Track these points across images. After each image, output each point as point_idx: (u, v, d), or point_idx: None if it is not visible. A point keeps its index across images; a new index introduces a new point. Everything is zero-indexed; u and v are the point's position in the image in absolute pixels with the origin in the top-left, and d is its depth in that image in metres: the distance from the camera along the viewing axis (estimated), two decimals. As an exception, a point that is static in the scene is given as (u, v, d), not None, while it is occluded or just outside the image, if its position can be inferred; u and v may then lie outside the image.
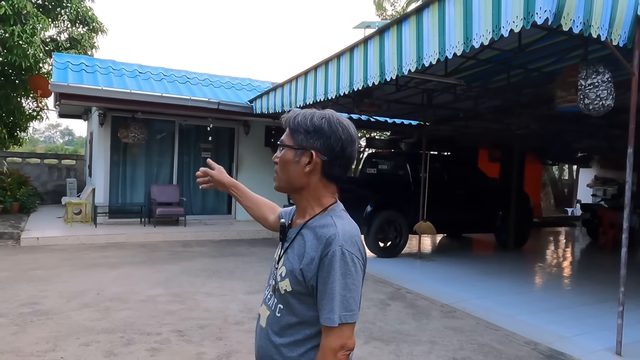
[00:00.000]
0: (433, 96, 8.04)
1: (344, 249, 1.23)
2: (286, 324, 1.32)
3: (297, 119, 1.34)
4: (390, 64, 4.94)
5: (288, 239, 1.39)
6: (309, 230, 1.32)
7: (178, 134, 10.55)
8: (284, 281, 1.32)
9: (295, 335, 1.31)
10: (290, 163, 1.33)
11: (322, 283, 1.24)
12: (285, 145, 1.35)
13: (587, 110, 4.17)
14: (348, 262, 1.23)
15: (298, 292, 1.29)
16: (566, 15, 3.45)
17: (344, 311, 1.22)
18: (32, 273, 6.03)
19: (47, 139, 51.09)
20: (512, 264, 8.03)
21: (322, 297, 1.24)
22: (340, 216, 1.33)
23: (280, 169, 1.36)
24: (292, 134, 1.34)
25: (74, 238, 8.28)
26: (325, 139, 1.31)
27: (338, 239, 1.24)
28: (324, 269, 1.23)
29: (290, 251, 1.34)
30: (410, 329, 4.56)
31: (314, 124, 1.31)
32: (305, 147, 1.31)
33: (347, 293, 1.22)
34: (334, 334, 1.22)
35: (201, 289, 5.66)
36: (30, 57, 11.37)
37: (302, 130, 1.32)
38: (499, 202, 9.30)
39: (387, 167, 9.33)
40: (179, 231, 9.23)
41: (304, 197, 1.37)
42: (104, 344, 3.85)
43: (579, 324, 4.85)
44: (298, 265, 1.28)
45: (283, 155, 1.35)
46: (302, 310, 1.30)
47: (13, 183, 11.17)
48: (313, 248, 1.27)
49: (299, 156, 1.32)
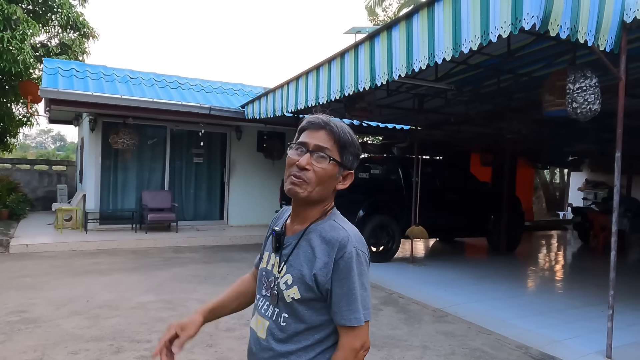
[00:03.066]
0: (424, 101, 8.08)
1: (358, 250, 1.26)
2: (293, 332, 1.30)
3: (347, 136, 1.32)
4: (381, 69, 4.96)
5: (286, 246, 1.35)
6: (314, 235, 1.30)
7: (170, 139, 10.51)
8: (290, 289, 1.29)
9: (304, 342, 1.30)
10: (333, 179, 1.31)
11: (339, 286, 1.24)
12: (335, 160, 1.30)
13: (574, 114, 4.20)
14: (362, 262, 1.27)
15: (307, 298, 1.28)
16: (553, 21, 3.49)
17: (364, 310, 1.25)
18: (20, 280, 5.96)
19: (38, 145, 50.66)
20: (504, 268, 8.05)
21: (340, 299, 1.24)
22: (344, 220, 1.36)
23: (319, 180, 1.29)
24: (341, 150, 1.31)
25: (64, 245, 8.21)
26: (358, 161, 1.38)
27: (351, 241, 1.26)
28: (340, 271, 1.24)
29: (294, 258, 1.31)
30: (402, 334, 4.55)
31: (358, 147, 1.36)
32: (349, 168, 1.35)
33: (364, 292, 1.27)
34: (355, 333, 1.25)
35: (193, 295, 5.62)
36: (20, 63, 11.26)
37: (352, 151, 1.33)
38: (490, 206, 9.34)
39: (379, 172, 9.34)
40: (170, 237, 9.17)
41: (316, 208, 1.34)
42: (93, 352, 3.81)
43: (569, 327, 4.87)
44: (309, 271, 1.27)
45: (330, 169, 1.29)
46: (312, 316, 1.29)
47: (3, 189, 11.07)
48: (324, 252, 1.26)
49: (340, 174, 1.33)
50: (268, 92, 8.04)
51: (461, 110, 8.44)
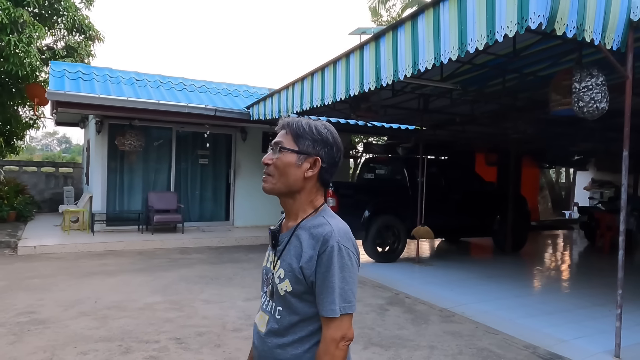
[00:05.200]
0: (429, 101, 8.06)
1: (340, 244, 1.30)
2: (288, 324, 1.36)
3: (302, 125, 1.39)
4: (386, 69, 4.96)
5: (281, 242, 1.42)
6: (303, 230, 1.37)
7: (175, 141, 10.55)
8: (283, 282, 1.35)
9: (299, 333, 1.35)
10: (291, 166, 1.37)
11: (320, 278, 1.29)
12: (288, 149, 1.38)
13: (581, 113, 4.19)
14: (344, 256, 1.30)
15: (299, 291, 1.33)
16: (559, 19, 3.48)
17: (343, 302, 1.29)
18: (29, 282, 6.01)
19: (44, 147, 50.90)
20: (510, 268, 8.03)
21: (321, 291, 1.29)
22: (332, 216, 1.40)
23: (278, 171, 1.39)
24: (295, 139, 1.38)
25: (72, 246, 8.25)
26: (329, 149, 1.40)
27: (334, 236, 1.31)
28: (323, 265, 1.29)
29: (286, 253, 1.38)
30: (409, 334, 4.55)
31: (320, 133, 1.39)
32: (309, 154, 1.38)
33: (345, 285, 1.29)
34: (334, 324, 1.29)
35: (199, 296, 5.65)
36: (27, 66, 11.35)
37: (308, 137, 1.38)
38: (496, 206, 9.32)
39: (384, 172, 9.34)
40: (176, 238, 9.21)
41: (297, 201, 1.41)
42: (102, 353, 3.83)
43: (577, 327, 4.85)
44: (297, 264, 1.33)
45: (283, 158, 1.38)
46: (304, 308, 1.34)
47: (10, 192, 11.14)
48: (310, 247, 1.32)
49: (301, 161, 1.37)
50: (273, 93, 8.06)
51: (466, 110, 8.42)
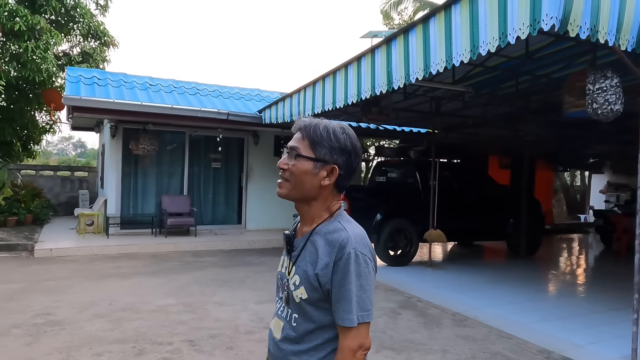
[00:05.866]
0: (441, 104, 8.04)
1: (357, 251, 1.26)
2: (304, 331, 1.33)
3: (319, 131, 1.33)
4: (398, 72, 4.96)
5: (296, 248, 1.39)
6: (318, 236, 1.33)
7: (188, 144, 10.65)
8: (298, 289, 1.33)
9: (315, 341, 1.33)
10: (308, 174, 1.33)
11: (337, 286, 1.26)
12: (305, 156, 1.33)
13: (595, 115, 4.14)
14: (361, 263, 1.26)
15: (314, 298, 1.30)
16: (573, 21, 3.44)
17: (360, 311, 1.25)
18: (45, 284, 6.10)
19: (60, 152, 51.66)
20: (524, 272, 7.95)
21: (337, 299, 1.26)
22: (348, 220, 1.37)
23: (294, 178, 1.34)
24: (312, 145, 1.33)
25: (87, 249, 8.37)
26: (347, 156, 1.34)
27: (351, 242, 1.27)
28: (339, 272, 1.26)
29: (301, 259, 1.35)
30: (422, 338, 4.53)
31: (338, 139, 1.33)
32: (327, 162, 1.33)
33: (362, 293, 1.26)
34: (352, 334, 1.26)
35: (212, 298, 5.68)
36: (44, 72, 11.56)
37: (326, 145, 1.32)
38: (509, 209, 9.23)
39: (396, 175, 9.32)
40: (189, 241, 9.28)
41: (313, 207, 1.37)
42: (116, 354, 3.88)
43: (593, 332, 4.79)
44: (312, 271, 1.30)
45: (300, 165, 1.33)
46: (320, 315, 1.32)
47: (27, 195, 11.33)
48: (326, 253, 1.29)
49: (318, 169, 1.32)
50: (285, 97, 8.09)
51: (479, 112, 8.37)
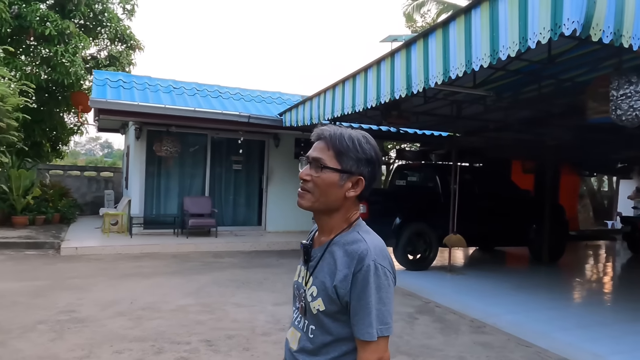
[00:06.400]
0: (462, 107, 7.97)
1: (377, 263, 1.24)
2: (321, 344, 1.31)
3: (345, 141, 1.29)
4: (417, 76, 4.95)
5: (313, 258, 1.37)
6: (337, 247, 1.31)
7: (210, 147, 10.81)
8: (316, 301, 1.30)
9: (332, 353, 1.30)
10: (334, 186, 1.29)
11: (356, 299, 1.23)
12: (331, 168, 1.29)
13: (619, 121, 4.06)
14: (381, 276, 1.24)
15: (332, 311, 1.28)
16: (595, 25, 3.39)
17: (380, 325, 1.23)
18: (70, 282, 6.28)
19: (87, 152, 52.98)
20: (546, 278, 7.80)
21: (356, 312, 1.24)
22: (367, 231, 1.34)
23: (319, 189, 1.30)
24: (338, 156, 1.29)
25: (111, 248, 8.57)
26: (372, 167, 1.32)
27: (370, 254, 1.24)
28: (358, 285, 1.23)
29: (319, 270, 1.33)
30: (438, 344, 4.50)
31: (364, 150, 1.30)
32: (353, 173, 1.30)
33: (382, 307, 1.24)
34: (371, 348, 1.23)
35: (230, 299, 5.75)
36: (72, 75, 11.94)
37: (352, 156, 1.29)
38: (532, 214, 9.07)
39: (416, 179, 9.26)
40: (210, 242, 9.41)
41: (333, 218, 1.34)
42: (136, 352, 3.97)
43: (615, 342, 4.67)
44: (331, 283, 1.27)
45: (325, 177, 1.29)
46: (337, 328, 1.29)
47: (55, 195, 11.66)
48: (345, 265, 1.26)
49: (344, 180, 1.29)
50: (305, 100, 8.15)
51: (500, 116, 8.25)
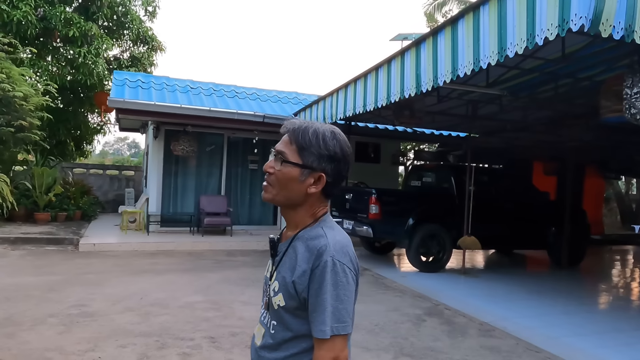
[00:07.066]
0: (478, 107, 7.83)
1: (335, 259, 1.21)
2: (281, 340, 1.29)
3: (308, 136, 1.27)
4: (426, 75, 4.88)
5: (279, 253, 1.35)
6: (300, 241, 1.29)
7: (227, 146, 10.90)
8: (277, 296, 1.28)
9: (291, 349, 1.28)
10: (294, 181, 1.27)
11: (313, 295, 1.21)
12: (291, 162, 1.27)
13: (634, 120, 3.92)
14: (339, 272, 1.20)
15: (292, 306, 1.26)
16: (605, 21, 3.28)
17: (335, 323, 1.19)
18: (85, 277, 6.41)
19: (115, 152, 54.28)
20: (564, 283, 7.59)
21: (313, 309, 1.21)
22: (331, 227, 1.31)
23: (280, 183, 1.29)
24: (300, 151, 1.27)
25: (127, 245, 8.73)
26: (336, 164, 1.28)
27: (329, 250, 1.22)
28: (315, 281, 1.20)
29: (282, 265, 1.31)
30: (443, 347, 4.42)
31: (327, 147, 1.27)
32: (314, 169, 1.27)
33: (339, 304, 1.20)
34: (326, 346, 1.20)
35: (239, 297, 5.78)
36: (95, 76, 12.21)
37: (314, 152, 1.26)
38: (551, 217, 8.85)
39: (431, 180, 9.14)
40: (225, 241, 9.49)
41: (298, 213, 1.32)
42: (140, 347, 4.03)
43: (630, 349, 4.51)
44: (290, 278, 1.25)
45: (287, 172, 1.27)
46: (297, 324, 1.27)
47: (76, 192, 11.94)
48: (304, 260, 1.24)
49: (305, 176, 1.27)
50: (318, 99, 8.13)
51: (519, 116, 8.09)
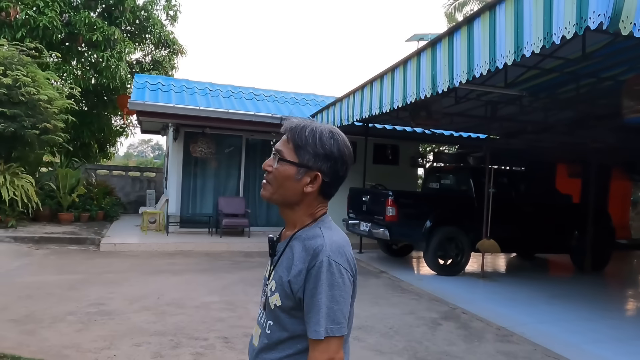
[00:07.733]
0: (497, 108, 7.70)
1: (331, 260, 1.20)
2: (277, 340, 1.29)
3: (305, 135, 1.27)
4: (442, 75, 4.84)
5: (277, 252, 1.35)
6: (297, 241, 1.29)
7: (245, 148, 10.98)
8: (273, 295, 1.28)
9: (287, 350, 1.28)
10: (290, 179, 1.27)
11: (308, 295, 1.20)
12: (287, 160, 1.27)
13: (657, 120, 3.80)
14: (335, 273, 1.20)
15: (288, 306, 1.26)
16: (625, 18, 3.18)
17: (330, 324, 1.18)
18: (104, 276, 6.53)
19: (140, 154, 55.28)
20: (586, 288, 7.39)
21: (308, 309, 1.20)
22: (329, 227, 1.31)
23: (277, 182, 1.29)
24: (296, 150, 1.27)
25: (147, 245, 8.86)
26: (332, 163, 1.28)
27: (325, 250, 1.21)
28: (311, 281, 1.20)
29: (279, 264, 1.31)
30: (459, 351, 4.35)
31: (324, 145, 1.26)
32: (310, 168, 1.27)
33: (334, 305, 1.19)
34: (320, 347, 1.19)
35: (254, 298, 5.80)
36: (118, 79, 12.46)
37: (310, 150, 1.26)
38: (574, 220, 8.63)
39: (449, 182, 9.03)
40: (242, 242, 9.55)
41: (296, 212, 1.32)
42: (154, 346, 4.08)
43: (654, 357, 4.37)
44: (286, 277, 1.25)
45: (283, 170, 1.28)
46: (293, 324, 1.26)
47: (99, 193, 12.18)
48: (301, 260, 1.24)
49: (301, 175, 1.27)
50: (335, 101, 8.13)
51: (540, 117, 7.93)
